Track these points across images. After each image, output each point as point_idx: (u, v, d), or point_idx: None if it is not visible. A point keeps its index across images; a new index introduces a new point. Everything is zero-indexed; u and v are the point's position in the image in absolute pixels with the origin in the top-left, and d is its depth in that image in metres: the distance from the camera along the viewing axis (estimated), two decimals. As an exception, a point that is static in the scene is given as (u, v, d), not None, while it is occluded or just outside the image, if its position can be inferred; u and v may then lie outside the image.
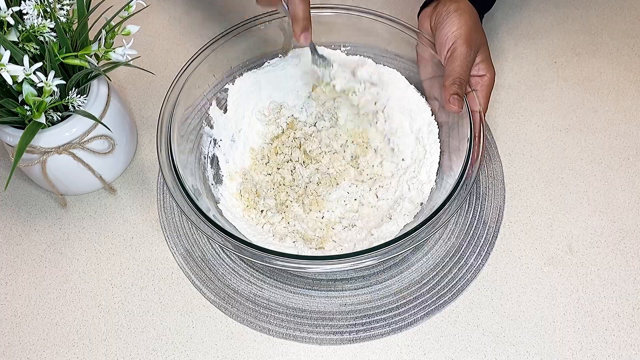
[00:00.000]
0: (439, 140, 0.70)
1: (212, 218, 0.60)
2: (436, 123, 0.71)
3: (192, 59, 0.69)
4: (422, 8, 0.72)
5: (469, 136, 0.63)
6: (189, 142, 0.70)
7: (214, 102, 0.73)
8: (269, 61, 0.75)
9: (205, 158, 0.72)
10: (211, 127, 0.72)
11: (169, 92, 0.67)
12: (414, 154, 0.71)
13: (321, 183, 0.71)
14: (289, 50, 0.75)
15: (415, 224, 0.60)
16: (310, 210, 0.70)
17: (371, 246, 0.58)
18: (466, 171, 0.62)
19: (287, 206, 0.70)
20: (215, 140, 0.73)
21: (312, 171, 0.72)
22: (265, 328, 0.65)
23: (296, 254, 0.64)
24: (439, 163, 0.69)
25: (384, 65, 0.74)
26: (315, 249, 0.66)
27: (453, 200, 0.60)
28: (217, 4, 0.91)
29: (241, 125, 0.74)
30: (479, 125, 0.64)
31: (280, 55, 0.75)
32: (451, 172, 0.66)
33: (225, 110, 0.74)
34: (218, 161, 0.73)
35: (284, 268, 0.59)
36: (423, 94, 0.72)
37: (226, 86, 0.74)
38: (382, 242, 0.58)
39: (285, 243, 0.66)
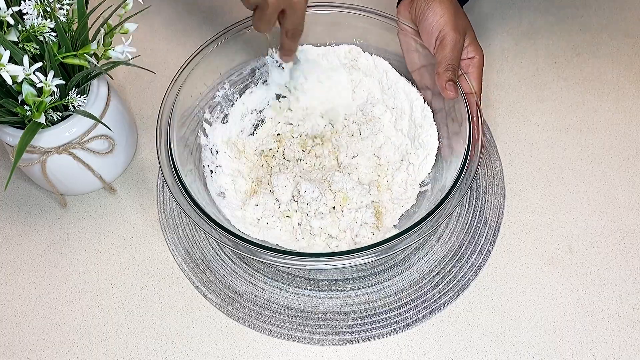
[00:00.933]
0: (435, 123, 0.71)
1: (213, 217, 0.60)
2: (430, 108, 0.71)
3: (188, 61, 0.69)
4: (399, 1, 0.72)
5: (468, 117, 0.64)
6: (188, 145, 0.70)
7: (206, 110, 0.73)
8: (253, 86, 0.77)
9: (204, 164, 0.71)
10: (206, 135, 0.72)
11: (168, 92, 0.67)
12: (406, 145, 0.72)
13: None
14: (270, 50, 0.75)
15: (421, 215, 0.60)
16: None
17: (382, 239, 0.59)
18: (469, 153, 0.62)
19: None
20: (211, 149, 0.73)
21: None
22: (266, 329, 0.65)
23: (297, 251, 0.64)
24: (438, 148, 0.70)
25: (371, 54, 0.75)
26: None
27: (459, 186, 0.60)
28: (217, 3, 0.91)
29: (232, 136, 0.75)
30: (475, 106, 0.65)
31: (267, 56, 0.76)
32: (452, 156, 0.66)
33: (223, 122, 0.74)
34: (216, 165, 0.72)
35: (285, 266, 0.59)
36: (414, 83, 0.73)
37: (217, 93, 0.74)
38: (388, 236, 0.59)
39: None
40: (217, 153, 0.73)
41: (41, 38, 0.59)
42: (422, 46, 0.69)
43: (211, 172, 0.71)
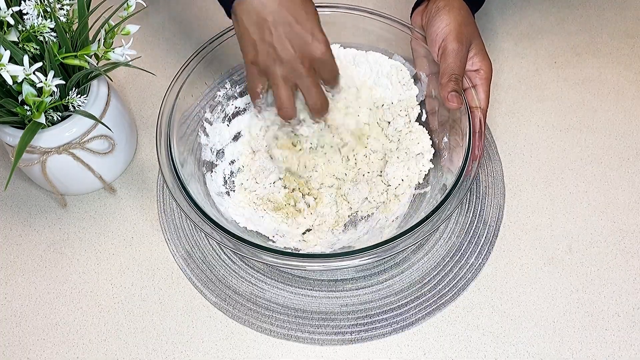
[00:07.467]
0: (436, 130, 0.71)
1: (213, 217, 0.60)
2: (425, 111, 0.72)
3: (189, 61, 0.69)
4: (414, 7, 0.72)
5: (468, 132, 0.63)
6: (188, 145, 0.70)
7: (207, 109, 0.73)
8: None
9: (203, 161, 0.71)
10: (207, 135, 0.73)
11: (168, 92, 0.67)
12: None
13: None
14: None
15: (414, 222, 0.60)
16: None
17: (374, 243, 0.59)
18: (465, 167, 0.62)
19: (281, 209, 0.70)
20: (212, 148, 0.73)
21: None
22: (266, 329, 0.65)
23: (296, 252, 0.64)
24: (435, 147, 0.71)
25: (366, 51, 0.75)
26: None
27: (453, 196, 0.60)
28: (218, 3, 0.91)
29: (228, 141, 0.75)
30: (478, 121, 0.64)
31: None
32: (451, 170, 0.66)
33: (224, 121, 0.74)
34: (215, 166, 0.73)
35: (284, 267, 0.59)
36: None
37: (218, 92, 0.74)
38: (384, 239, 0.58)
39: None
40: (223, 153, 0.73)
41: (41, 38, 0.59)
42: (430, 53, 0.69)
43: (211, 171, 0.71)
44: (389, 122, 0.73)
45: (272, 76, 0.61)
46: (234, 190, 0.71)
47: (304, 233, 0.68)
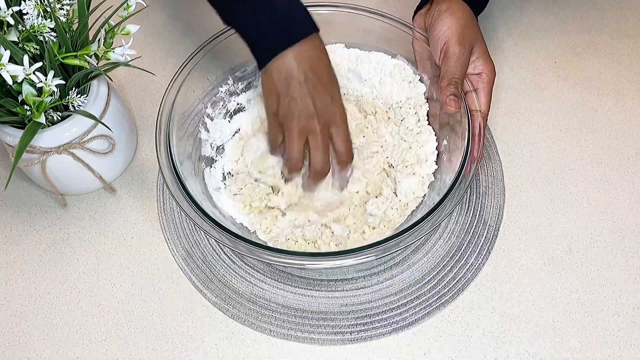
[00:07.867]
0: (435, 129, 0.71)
1: (212, 216, 0.60)
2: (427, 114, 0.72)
3: (189, 59, 0.69)
4: (416, 10, 0.72)
5: (467, 135, 0.63)
6: (188, 145, 0.70)
7: (209, 105, 0.73)
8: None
9: (202, 156, 0.72)
10: (207, 130, 0.73)
11: (167, 91, 0.67)
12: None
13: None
14: None
15: (411, 222, 0.60)
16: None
17: (368, 243, 0.59)
18: (463, 170, 0.62)
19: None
20: (212, 144, 0.73)
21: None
22: (266, 329, 0.65)
23: (295, 250, 0.64)
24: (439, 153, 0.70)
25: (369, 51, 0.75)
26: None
27: (449, 198, 0.60)
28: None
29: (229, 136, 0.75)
30: (478, 124, 0.64)
31: None
32: (450, 172, 0.66)
33: (225, 117, 0.74)
34: (215, 161, 0.73)
35: (283, 265, 0.59)
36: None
37: (220, 89, 0.74)
38: (381, 238, 0.58)
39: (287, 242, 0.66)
40: (223, 149, 0.73)
41: (41, 38, 0.59)
42: (431, 55, 0.69)
43: (210, 166, 0.71)
44: (402, 120, 0.72)
45: (288, 128, 0.63)
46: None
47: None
